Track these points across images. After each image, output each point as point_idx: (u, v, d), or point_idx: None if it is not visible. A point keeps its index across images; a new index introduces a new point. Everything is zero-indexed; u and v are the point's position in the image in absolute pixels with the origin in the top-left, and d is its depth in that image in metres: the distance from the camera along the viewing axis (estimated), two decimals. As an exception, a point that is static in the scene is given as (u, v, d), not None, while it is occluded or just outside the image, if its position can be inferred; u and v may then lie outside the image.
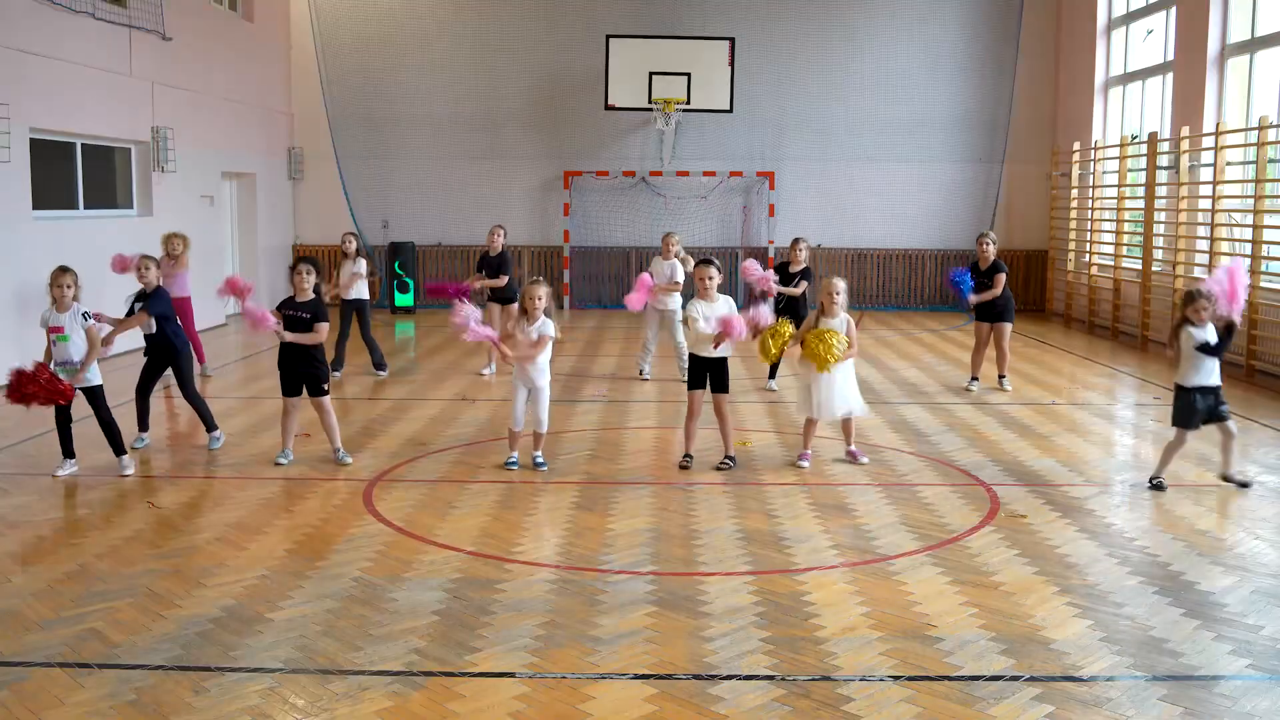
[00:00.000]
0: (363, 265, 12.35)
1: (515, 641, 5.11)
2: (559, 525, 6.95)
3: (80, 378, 7.89)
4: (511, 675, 4.77)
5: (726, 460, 8.38)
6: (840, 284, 8.38)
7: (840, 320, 8.35)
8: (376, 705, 4.48)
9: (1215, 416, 7.69)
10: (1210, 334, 7.63)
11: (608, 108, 19.31)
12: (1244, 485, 7.85)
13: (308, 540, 6.61)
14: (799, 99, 20.45)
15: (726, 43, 19.04)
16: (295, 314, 8.28)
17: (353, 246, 12.41)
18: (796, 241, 11.75)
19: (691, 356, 8.38)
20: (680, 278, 11.97)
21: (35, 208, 12.53)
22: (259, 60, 19.14)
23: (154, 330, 8.82)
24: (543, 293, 8.03)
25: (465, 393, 11.58)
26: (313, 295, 8.34)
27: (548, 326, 8.04)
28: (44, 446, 8.97)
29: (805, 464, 8.44)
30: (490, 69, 20.41)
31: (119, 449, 8.15)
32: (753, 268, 11.23)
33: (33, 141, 12.47)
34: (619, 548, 6.50)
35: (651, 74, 18.90)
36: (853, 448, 8.66)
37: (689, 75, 18.93)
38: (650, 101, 19.01)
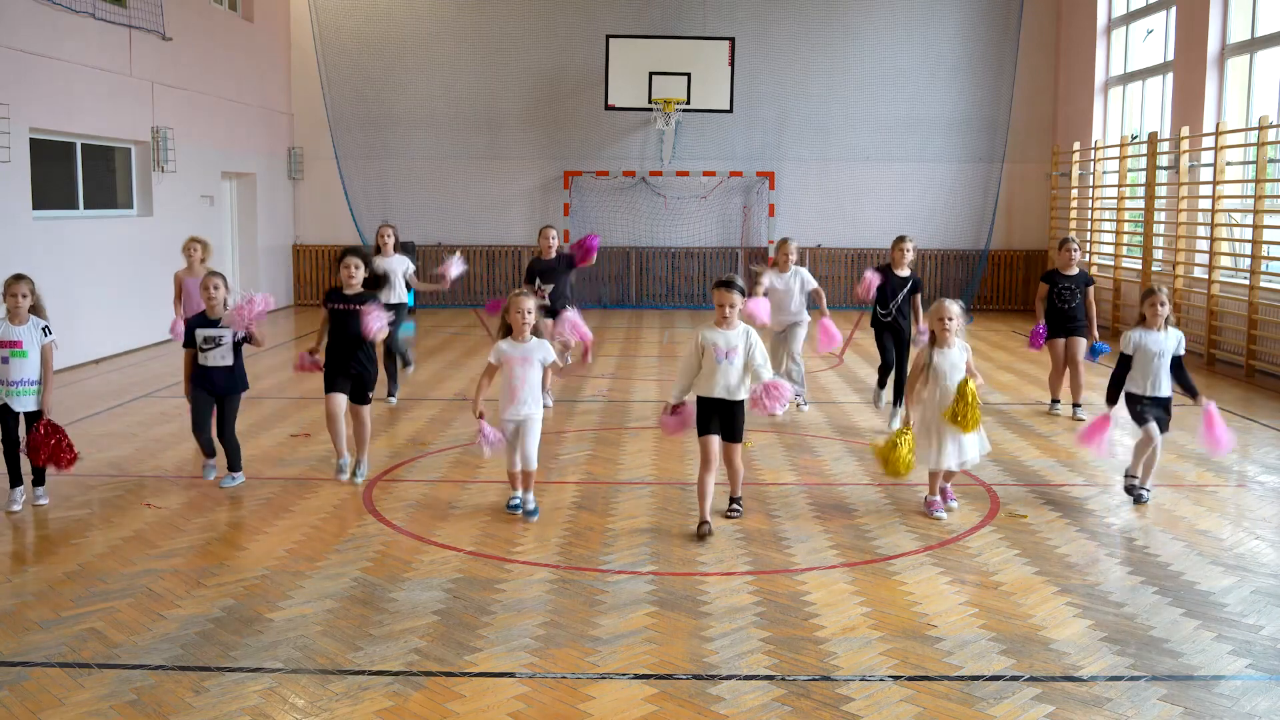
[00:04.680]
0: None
1: (515, 641, 5.11)
2: (559, 525, 6.95)
3: (47, 403, 7.10)
4: (511, 675, 4.77)
5: (734, 507, 7.12)
6: (955, 308, 7.05)
7: (959, 350, 7.08)
8: (376, 705, 4.48)
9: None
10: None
11: (608, 108, 19.31)
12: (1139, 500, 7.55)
13: (308, 540, 6.61)
14: (799, 99, 20.45)
15: (726, 43, 19.04)
16: (346, 306, 7.59)
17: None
18: (901, 239, 10.06)
19: (699, 399, 6.74)
20: (810, 286, 10.28)
21: (35, 208, 12.53)
22: (259, 60, 19.14)
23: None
24: (531, 305, 6.96)
25: (465, 392, 11.58)
26: (361, 288, 7.66)
27: (546, 350, 7.01)
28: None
29: (943, 515, 7.18)
30: (490, 69, 20.41)
31: (17, 480, 7.25)
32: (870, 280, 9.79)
33: (33, 141, 12.47)
34: (619, 548, 6.50)
35: (651, 74, 18.91)
36: (948, 486, 7.41)
37: (689, 75, 18.93)
38: (650, 101, 19.01)
